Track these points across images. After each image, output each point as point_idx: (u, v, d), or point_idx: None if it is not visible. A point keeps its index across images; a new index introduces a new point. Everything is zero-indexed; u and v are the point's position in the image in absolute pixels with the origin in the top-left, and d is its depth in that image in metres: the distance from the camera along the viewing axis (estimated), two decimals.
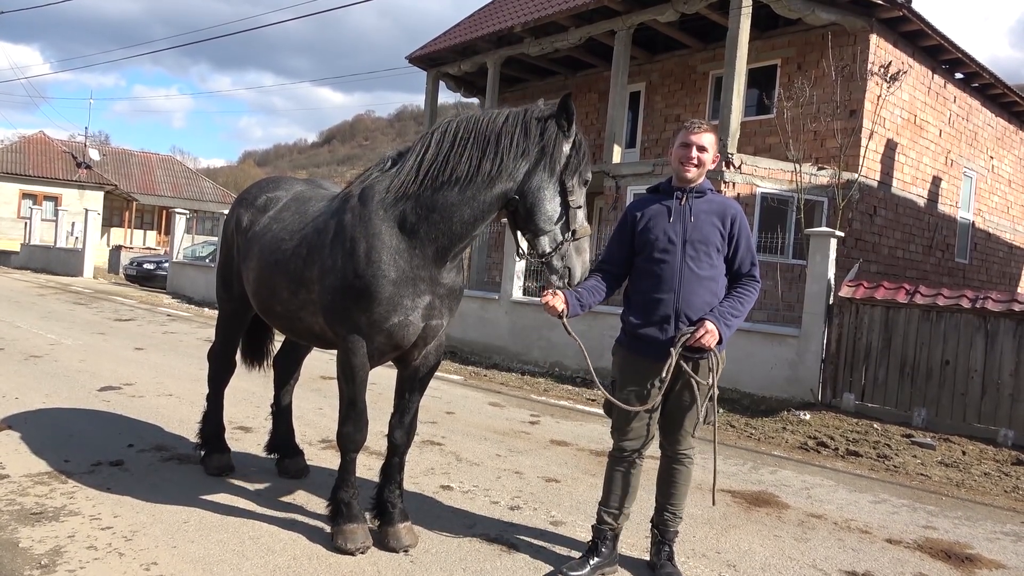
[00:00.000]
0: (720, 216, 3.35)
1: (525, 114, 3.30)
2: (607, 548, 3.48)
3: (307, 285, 3.59)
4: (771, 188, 12.40)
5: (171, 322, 12.74)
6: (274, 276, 3.78)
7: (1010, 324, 7.24)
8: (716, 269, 3.34)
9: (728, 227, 3.34)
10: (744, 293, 3.36)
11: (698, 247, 3.31)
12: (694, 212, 3.35)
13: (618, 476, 3.47)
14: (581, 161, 3.29)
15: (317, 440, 5.48)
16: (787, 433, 7.10)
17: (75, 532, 3.49)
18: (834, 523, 4.50)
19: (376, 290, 3.28)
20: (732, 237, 3.35)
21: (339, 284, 3.37)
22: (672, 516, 3.45)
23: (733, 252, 3.37)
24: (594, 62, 17.19)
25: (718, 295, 3.34)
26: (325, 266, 3.45)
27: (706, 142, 3.35)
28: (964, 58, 14.76)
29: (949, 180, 16.05)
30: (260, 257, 3.91)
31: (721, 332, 3.23)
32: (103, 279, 22.76)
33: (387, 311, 3.31)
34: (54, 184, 34.55)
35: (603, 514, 3.49)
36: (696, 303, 3.27)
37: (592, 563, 3.42)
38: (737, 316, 3.31)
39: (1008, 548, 4.33)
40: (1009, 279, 19.15)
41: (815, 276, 8.50)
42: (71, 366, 7.73)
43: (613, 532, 3.50)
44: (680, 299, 3.27)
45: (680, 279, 3.28)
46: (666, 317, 3.28)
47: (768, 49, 14.53)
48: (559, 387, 9.05)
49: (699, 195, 3.40)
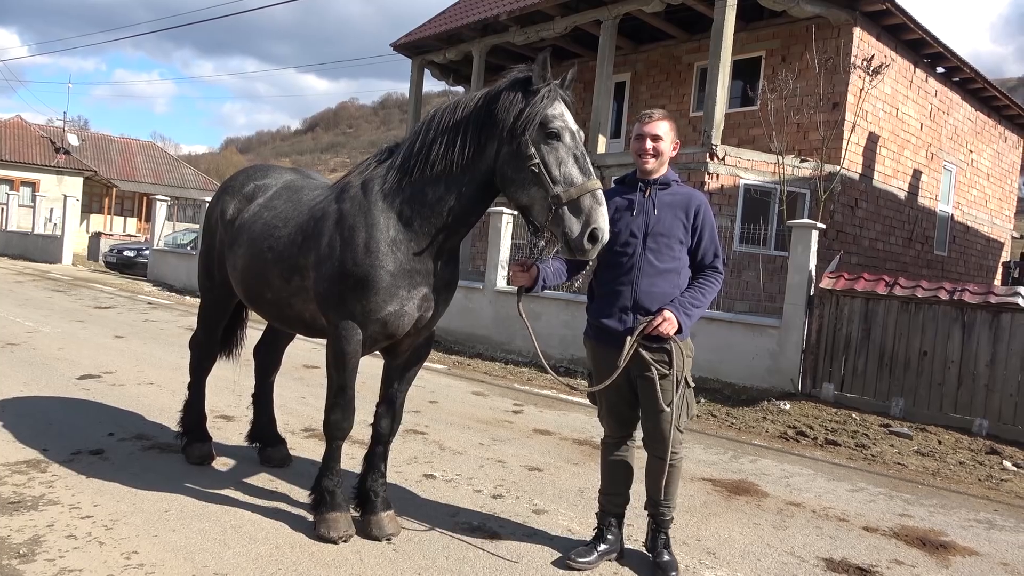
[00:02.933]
0: (684, 208, 3.35)
1: (490, 91, 3.21)
2: (612, 534, 3.54)
3: (301, 272, 3.58)
4: (754, 179, 12.47)
5: (152, 310, 12.62)
6: (266, 263, 3.75)
7: (986, 316, 7.35)
8: (678, 261, 3.35)
9: (692, 218, 3.35)
10: (706, 283, 3.37)
11: (659, 240, 3.32)
12: (657, 205, 3.35)
13: (610, 462, 3.53)
14: (536, 111, 3.01)
15: (300, 429, 5.47)
16: (767, 423, 7.18)
17: (54, 521, 3.47)
18: (812, 511, 4.57)
19: (374, 279, 3.28)
20: (696, 228, 3.35)
21: (336, 272, 3.36)
22: (666, 508, 3.49)
23: (696, 243, 3.37)
24: (580, 51, 17.15)
25: (680, 286, 3.35)
26: (322, 253, 3.44)
27: (660, 130, 3.34)
28: (945, 52, 14.89)
29: (929, 173, 16.22)
30: (250, 244, 3.88)
31: (680, 321, 3.24)
32: (82, 266, 22.48)
33: (383, 300, 3.30)
34: (31, 170, 34.00)
35: (603, 500, 3.56)
36: (655, 294, 3.29)
37: (600, 550, 3.48)
38: (698, 306, 3.32)
39: (981, 535, 4.41)
40: (986, 271, 19.43)
41: (796, 267, 8.57)
42: (50, 354, 7.64)
43: (616, 516, 3.56)
44: (638, 290, 3.29)
45: (639, 271, 3.30)
46: (624, 308, 3.31)
47: (753, 41, 14.58)
48: (542, 376, 9.08)
49: (663, 187, 3.40)
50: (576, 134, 3.10)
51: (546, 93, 3.06)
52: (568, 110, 3.13)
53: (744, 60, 14.54)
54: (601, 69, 14.59)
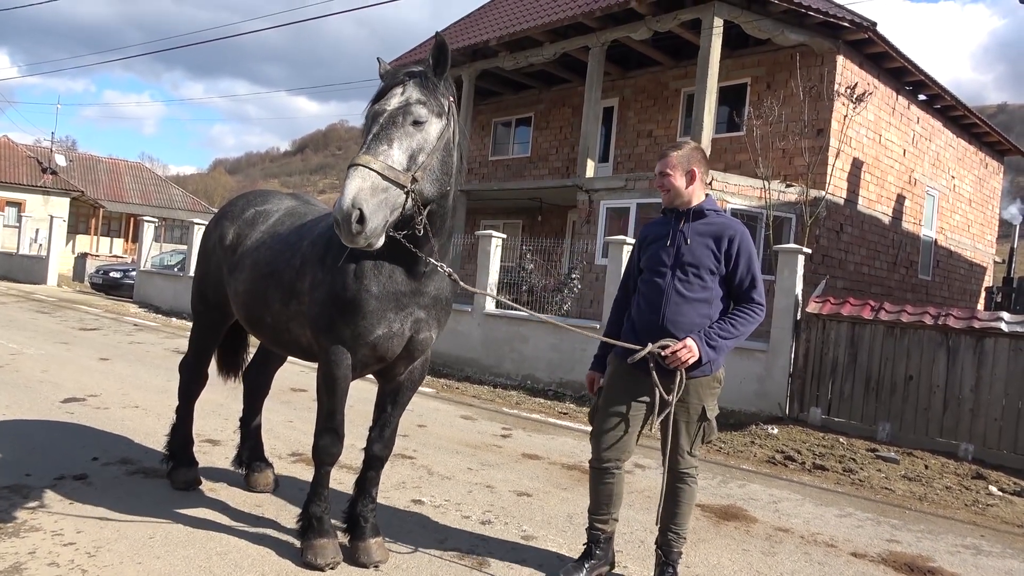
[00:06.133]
0: (715, 238, 3.35)
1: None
2: (601, 551, 3.56)
3: (299, 296, 3.59)
4: (741, 204, 12.60)
5: (138, 332, 12.52)
6: (268, 287, 3.77)
7: (970, 340, 7.43)
8: (710, 291, 3.34)
9: (725, 247, 3.33)
10: (740, 315, 3.33)
11: (688, 270, 3.33)
12: (689, 234, 3.37)
13: (599, 485, 3.53)
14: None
15: (287, 453, 5.42)
16: (755, 447, 7.19)
17: (36, 548, 3.41)
18: (801, 537, 4.57)
19: (360, 303, 3.28)
20: (730, 257, 3.33)
21: (327, 296, 3.37)
22: (676, 536, 3.48)
23: (732, 271, 3.35)
24: (568, 77, 17.36)
25: (710, 316, 3.34)
26: (316, 278, 3.46)
27: (667, 167, 3.42)
28: (927, 80, 15.19)
29: (912, 198, 16.45)
30: (254, 268, 3.89)
31: (701, 351, 3.24)
32: (68, 287, 22.28)
33: (372, 324, 3.31)
34: (17, 189, 33.80)
35: (593, 521, 3.57)
36: (682, 323, 3.29)
37: (587, 566, 3.50)
38: (727, 337, 3.29)
39: (968, 561, 4.42)
40: (969, 296, 19.65)
41: (783, 291, 8.64)
42: (33, 376, 7.55)
43: (605, 535, 3.57)
44: (665, 318, 3.31)
45: (667, 299, 3.33)
46: (651, 334, 3.32)
47: (738, 68, 14.81)
48: (531, 400, 9.06)
49: (698, 217, 3.41)
50: (375, 114, 3.03)
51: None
52: (381, 97, 3.08)
53: (730, 86, 14.76)
54: (589, 94, 14.76)
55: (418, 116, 3.00)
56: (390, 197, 2.87)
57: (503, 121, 20.47)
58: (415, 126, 3.00)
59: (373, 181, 2.82)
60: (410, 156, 2.96)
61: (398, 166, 2.91)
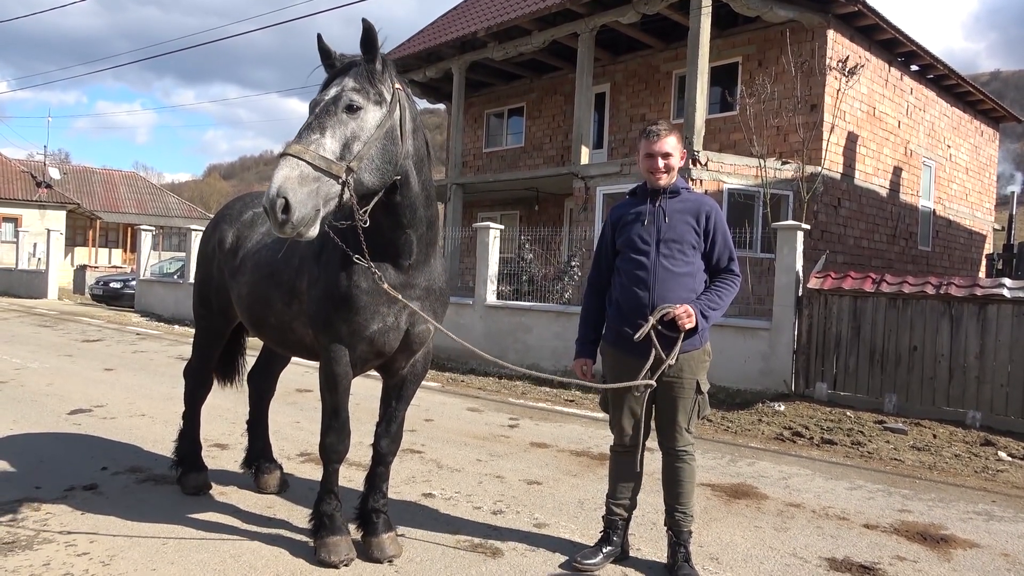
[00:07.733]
0: (694, 214, 3.42)
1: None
2: (618, 537, 3.59)
3: (299, 296, 3.60)
4: (737, 184, 12.57)
5: (140, 341, 12.53)
6: (269, 289, 3.77)
7: (973, 308, 7.42)
8: (693, 266, 3.41)
9: (704, 223, 3.41)
10: (722, 287, 3.43)
11: (672, 246, 3.38)
12: (668, 212, 3.43)
13: (619, 468, 3.57)
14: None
15: (295, 454, 5.43)
16: (763, 425, 7.19)
17: (50, 560, 3.42)
18: (812, 511, 4.57)
19: (352, 299, 3.29)
20: (708, 233, 3.42)
21: (322, 294, 3.38)
22: (683, 515, 3.49)
23: (710, 248, 3.44)
24: (559, 64, 17.29)
25: (696, 290, 3.40)
26: (312, 276, 3.47)
27: (669, 147, 3.42)
28: (918, 50, 15.10)
29: (909, 170, 16.40)
30: (256, 270, 3.89)
31: (698, 319, 3.30)
32: (68, 300, 22.29)
33: (365, 319, 3.32)
34: (13, 205, 33.78)
35: (611, 505, 3.60)
36: (672, 298, 3.33)
37: (604, 551, 3.54)
38: (715, 308, 3.38)
39: (981, 527, 4.43)
40: (970, 264, 19.61)
41: (783, 269, 8.62)
42: (38, 390, 7.56)
43: (623, 520, 3.60)
44: (655, 295, 3.33)
45: (655, 277, 3.35)
46: (643, 313, 3.33)
47: (729, 47, 14.73)
48: (536, 390, 9.07)
49: (673, 195, 3.47)
50: (313, 104, 3.00)
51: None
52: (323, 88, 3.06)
53: (721, 66, 14.69)
54: (580, 81, 14.70)
55: (352, 103, 2.93)
56: (322, 188, 2.79)
57: (496, 112, 20.40)
58: (349, 113, 2.92)
59: (302, 170, 2.74)
60: (344, 145, 2.88)
61: (330, 155, 2.83)
